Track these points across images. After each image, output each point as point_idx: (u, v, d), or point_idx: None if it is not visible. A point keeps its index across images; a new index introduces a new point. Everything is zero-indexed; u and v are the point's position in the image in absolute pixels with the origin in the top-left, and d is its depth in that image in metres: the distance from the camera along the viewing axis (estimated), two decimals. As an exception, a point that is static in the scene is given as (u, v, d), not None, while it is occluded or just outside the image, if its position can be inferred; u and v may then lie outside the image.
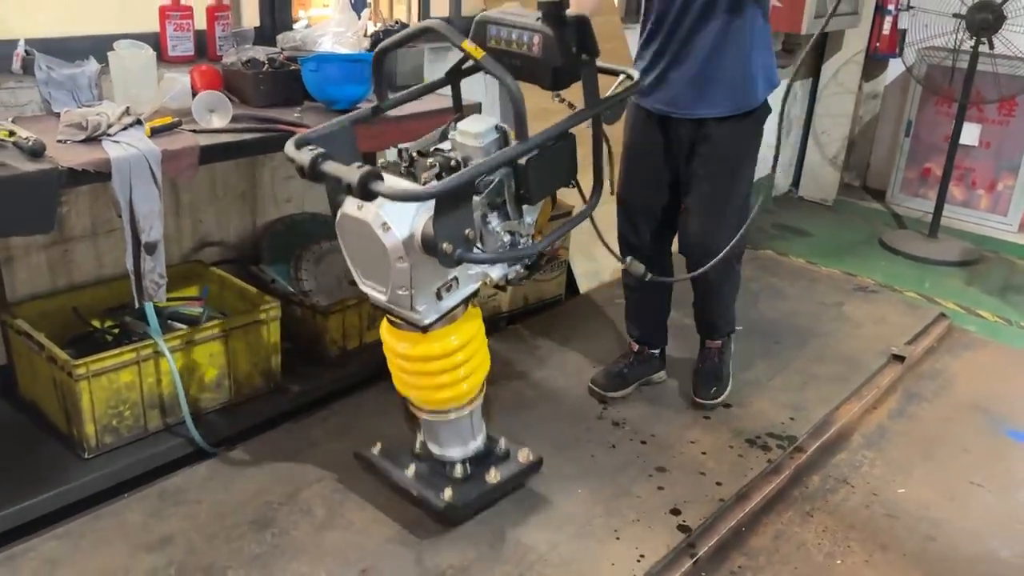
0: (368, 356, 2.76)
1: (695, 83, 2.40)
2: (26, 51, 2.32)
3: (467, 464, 2.18)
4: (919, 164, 5.18)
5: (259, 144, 2.23)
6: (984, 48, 4.33)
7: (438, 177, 1.87)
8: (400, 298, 1.86)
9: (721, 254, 2.40)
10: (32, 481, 2.11)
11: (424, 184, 1.85)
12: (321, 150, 1.70)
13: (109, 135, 2.07)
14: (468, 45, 1.79)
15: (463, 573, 2.01)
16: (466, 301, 2.00)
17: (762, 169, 2.90)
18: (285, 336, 2.57)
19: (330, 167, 1.66)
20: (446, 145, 1.97)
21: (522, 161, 1.84)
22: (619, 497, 2.29)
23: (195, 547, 2.03)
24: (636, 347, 2.84)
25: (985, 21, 4.29)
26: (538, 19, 1.81)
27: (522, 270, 2.03)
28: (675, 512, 2.26)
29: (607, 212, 2.47)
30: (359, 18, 2.79)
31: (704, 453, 2.52)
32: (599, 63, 1.93)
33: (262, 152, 2.32)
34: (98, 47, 2.36)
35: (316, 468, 2.35)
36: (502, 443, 2.28)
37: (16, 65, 2.32)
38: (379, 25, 2.94)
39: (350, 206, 1.84)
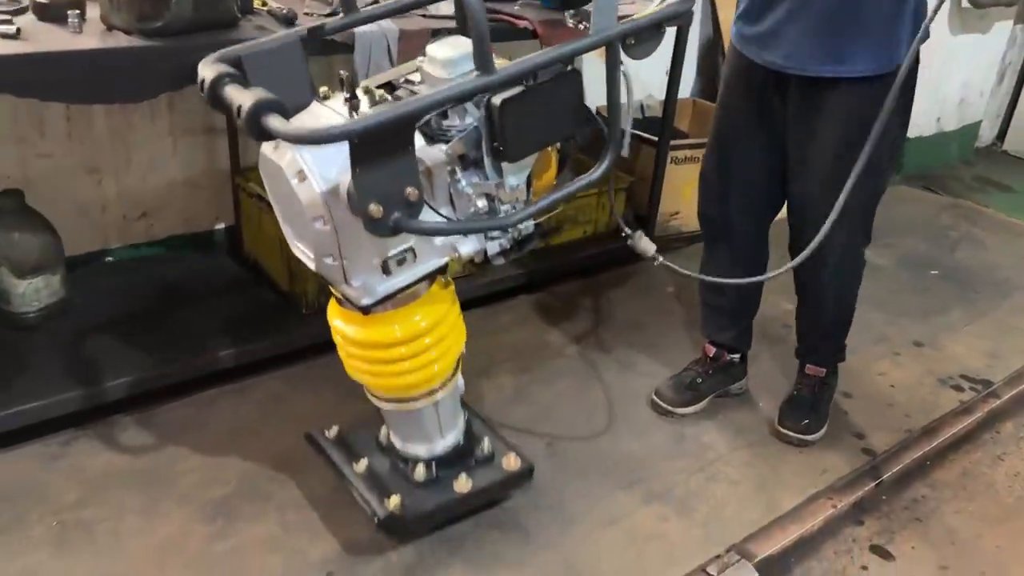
0: (551, 257, 2.87)
1: (823, 32, 1.79)
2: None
3: (433, 465, 1.77)
4: None
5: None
6: None
7: None
8: (329, 269, 1.47)
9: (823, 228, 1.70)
10: (259, 329, 2.31)
11: None
12: (230, 70, 1.28)
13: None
14: None
15: (643, 463, 2.08)
16: (430, 277, 1.58)
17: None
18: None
19: (229, 91, 1.23)
20: (417, 76, 1.53)
21: (496, 101, 1.37)
22: (802, 415, 2.29)
23: (397, 403, 2.19)
24: (712, 351, 2.32)
25: None
26: None
27: (507, 244, 1.59)
28: (859, 436, 2.24)
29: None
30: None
31: (892, 386, 2.47)
32: None
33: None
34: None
35: (505, 349, 2.47)
36: (486, 444, 1.85)
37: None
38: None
39: (268, 145, 1.44)
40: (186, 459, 1.95)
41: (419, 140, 1.39)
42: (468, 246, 1.56)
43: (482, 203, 1.50)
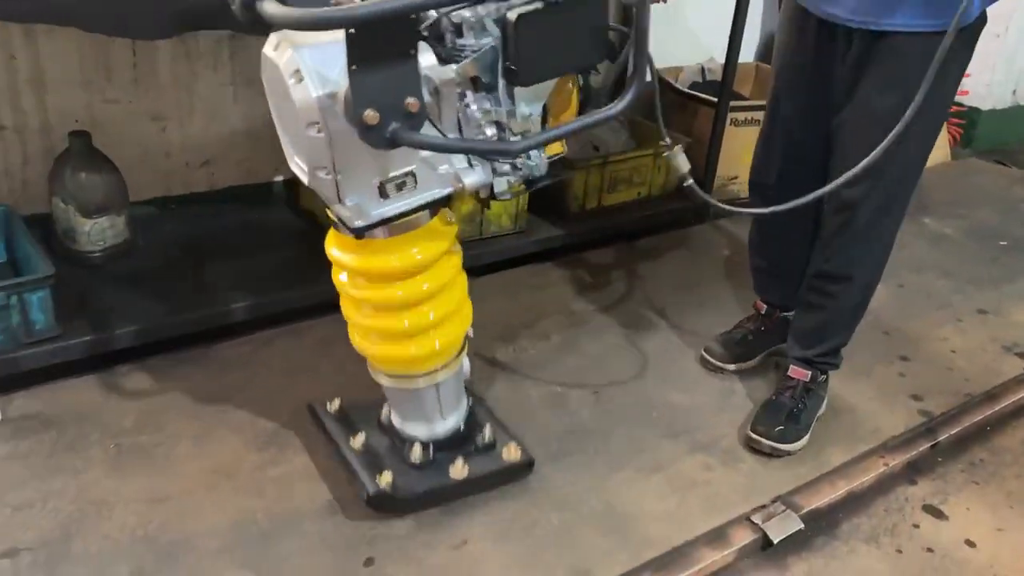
0: (603, 217, 2.90)
1: None
2: None
3: (431, 448, 1.75)
4: None
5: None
6: None
7: None
8: (322, 183, 1.37)
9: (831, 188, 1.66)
10: (315, 276, 2.34)
11: None
12: None
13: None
14: None
15: (690, 415, 2.06)
16: (432, 207, 1.48)
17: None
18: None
19: None
20: None
21: (511, 16, 1.27)
22: (857, 376, 2.23)
23: (446, 349, 2.20)
24: (764, 308, 2.27)
25: None
26: None
27: (515, 181, 1.49)
28: (916, 398, 2.19)
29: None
30: None
31: (954, 351, 2.41)
32: None
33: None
34: None
35: (553, 304, 2.48)
36: (487, 431, 1.81)
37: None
38: None
39: (269, 45, 1.34)
40: (241, 393, 2.00)
41: (431, 59, 1.33)
42: (473, 177, 1.45)
43: (491, 131, 1.41)
